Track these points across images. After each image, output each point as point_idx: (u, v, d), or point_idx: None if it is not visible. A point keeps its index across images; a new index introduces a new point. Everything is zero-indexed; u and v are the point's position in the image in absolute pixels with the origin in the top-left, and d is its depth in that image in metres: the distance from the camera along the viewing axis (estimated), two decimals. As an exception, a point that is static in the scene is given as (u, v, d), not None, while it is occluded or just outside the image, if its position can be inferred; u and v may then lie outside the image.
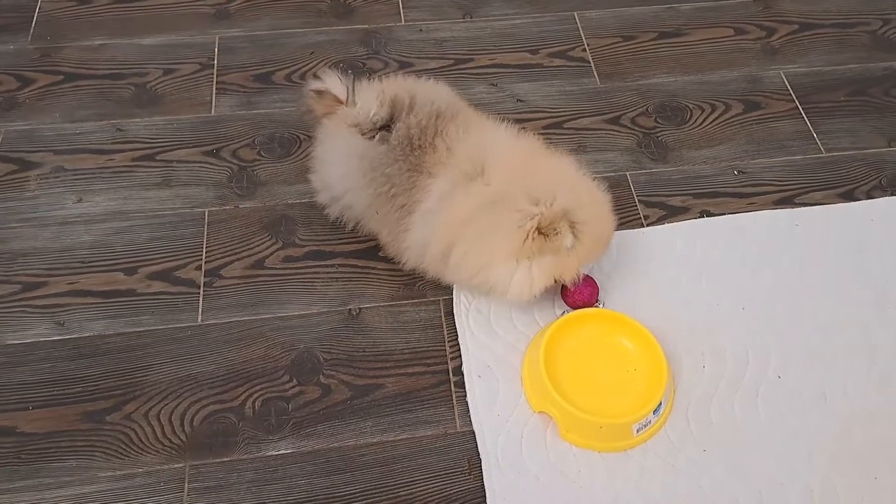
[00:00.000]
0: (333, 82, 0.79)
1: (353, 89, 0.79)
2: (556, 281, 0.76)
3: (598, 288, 0.81)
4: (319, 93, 0.79)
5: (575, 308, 0.80)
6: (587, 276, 0.80)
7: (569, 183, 0.74)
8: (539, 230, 0.71)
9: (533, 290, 0.74)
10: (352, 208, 0.83)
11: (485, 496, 0.70)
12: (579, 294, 0.79)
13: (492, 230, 0.72)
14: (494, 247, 0.72)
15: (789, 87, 1.07)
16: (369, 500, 0.71)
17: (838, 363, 0.80)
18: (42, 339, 0.80)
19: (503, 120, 0.83)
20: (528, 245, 0.71)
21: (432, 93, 0.81)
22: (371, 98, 0.78)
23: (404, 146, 0.76)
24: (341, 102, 0.79)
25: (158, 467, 0.72)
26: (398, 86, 0.81)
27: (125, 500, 0.70)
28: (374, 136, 0.77)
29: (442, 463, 0.73)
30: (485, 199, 0.73)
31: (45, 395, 0.76)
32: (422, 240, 0.77)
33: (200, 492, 0.70)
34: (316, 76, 0.81)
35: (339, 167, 0.81)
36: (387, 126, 0.77)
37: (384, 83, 0.81)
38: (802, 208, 0.93)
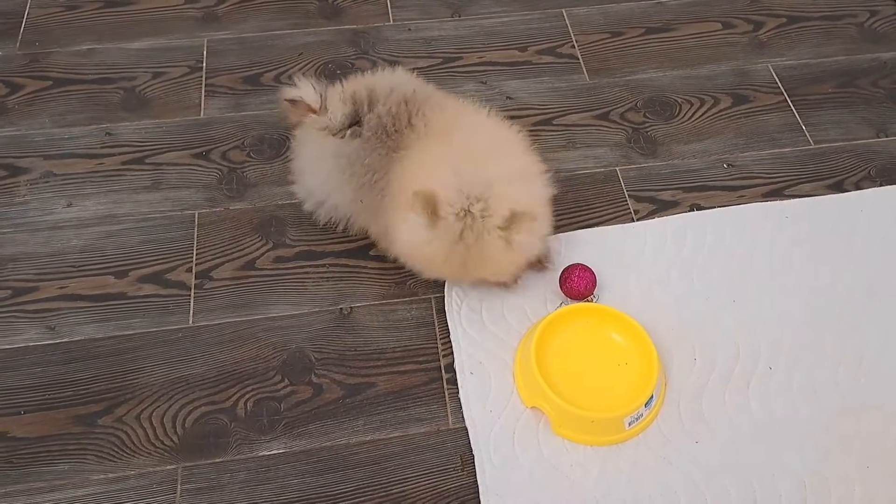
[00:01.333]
0: (307, 90, 0.79)
1: (325, 96, 0.79)
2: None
3: (596, 280, 0.81)
4: (293, 102, 0.80)
5: (571, 297, 0.80)
6: (585, 266, 0.81)
7: (510, 166, 0.73)
8: (414, 192, 0.70)
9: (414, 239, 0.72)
10: (338, 208, 0.83)
11: (478, 492, 0.70)
12: (576, 283, 0.79)
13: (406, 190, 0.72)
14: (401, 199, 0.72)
15: (777, 80, 1.08)
16: (362, 499, 0.71)
17: (829, 354, 0.80)
18: (33, 344, 0.79)
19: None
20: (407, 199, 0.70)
21: (391, 80, 0.81)
22: (335, 100, 0.79)
23: (379, 135, 0.77)
24: (314, 111, 0.79)
25: (151, 469, 0.72)
26: (356, 83, 0.81)
27: (118, 503, 0.70)
28: (344, 135, 0.78)
29: (435, 460, 0.73)
30: (434, 163, 0.72)
31: (36, 400, 0.76)
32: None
33: (193, 493, 0.70)
34: (291, 82, 0.81)
35: (318, 172, 0.81)
36: (356, 122, 0.78)
37: (344, 83, 0.82)
38: (792, 200, 0.93)
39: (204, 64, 1.06)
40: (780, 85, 1.07)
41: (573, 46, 1.11)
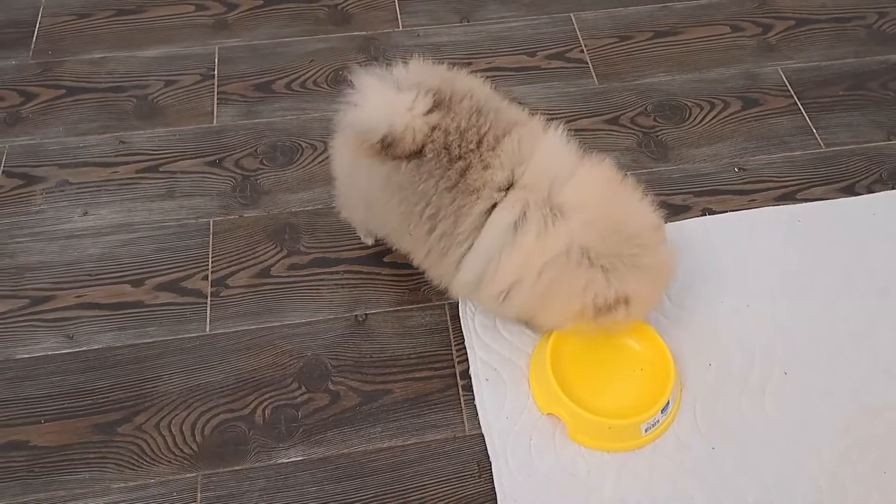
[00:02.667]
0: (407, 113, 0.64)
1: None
2: None
3: None
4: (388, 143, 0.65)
5: None
6: None
7: (645, 245, 0.68)
8: (596, 305, 0.67)
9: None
10: (384, 235, 0.79)
11: (495, 498, 0.71)
12: None
13: (557, 284, 0.67)
14: (552, 302, 0.68)
15: (787, 83, 1.08)
16: (381, 506, 0.71)
17: (844, 358, 0.80)
18: (51, 353, 0.80)
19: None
20: (582, 314, 0.68)
21: (470, 85, 0.70)
22: (404, 104, 0.65)
23: (440, 158, 0.66)
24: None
25: (171, 477, 0.72)
26: (434, 74, 0.69)
27: (139, 511, 0.71)
28: (408, 157, 0.66)
29: (452, 466, 0.73)
30: (561, 247, 0.66)
31: (56, 409, 0.76)
32: (478, 278, 0.69)
33: (213, 501, 0.71)
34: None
35: (357, 200, 0.76)
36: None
37: (411, 69, 0.69)
38: (804, 204, 0.93)
39: (216, 71, 1.07)
40: (789, 88, 1.07)
41: (582, 51, 1.11)
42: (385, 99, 0.66)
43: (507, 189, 0.67)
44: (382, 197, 0.71)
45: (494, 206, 0.67)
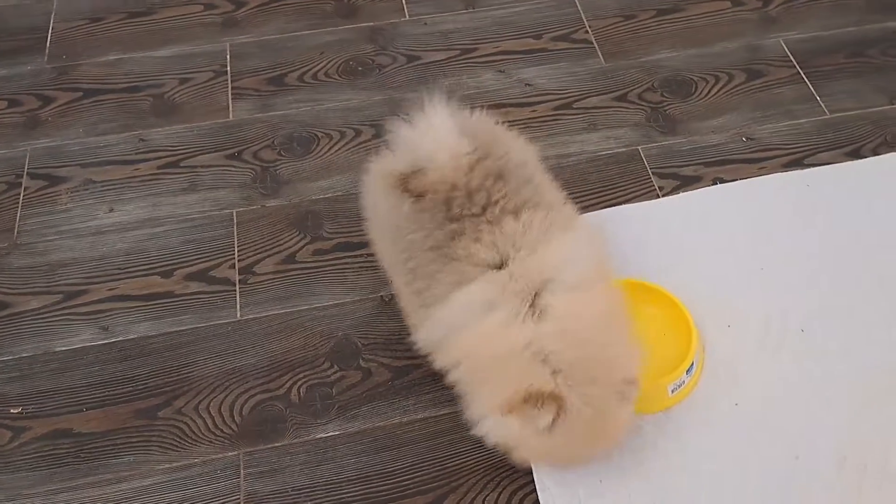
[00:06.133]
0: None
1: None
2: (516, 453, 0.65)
3: None
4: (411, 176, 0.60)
5: None
6: None
7: (609, 391, 0.60)
8: (525, 396, 0.57)
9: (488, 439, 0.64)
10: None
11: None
12: None
13: (500, 371, 0.59)
14: (485, 382, 0.61)
15: (789, 54, 1.10)
16: (418, 473, 0.73)
17: (858, 316, 0.82)
18: (88, 344, 0.82)
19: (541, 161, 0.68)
20: (508, 401, 0.58)
21: (511, 146, 0.64)
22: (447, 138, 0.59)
23: (436, 212, 0.60)
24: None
25: (213, 456, 0.74)
26: (490, 132, 0.64)
27: (185, 490, 0.73)
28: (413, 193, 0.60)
29: (485, 434, 0.75)
30: (522, 343, 0.58)
31: (97, 397, 0.79)
32: (435, 343, 0.65)
33: (256, 476, 0.73)
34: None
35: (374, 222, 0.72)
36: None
37: (475, 123, 0.64)
38: (812, 169, 0.96)
39: (228, 68, 1.09)
40: (791, 58, 1.09)
41: (587, 32, 1.13)
42: (443, 133, 0.61)
43: (492, 268, 0.59)
44: (383, 229, 0.67)
45: (467, 280, 0.59)
